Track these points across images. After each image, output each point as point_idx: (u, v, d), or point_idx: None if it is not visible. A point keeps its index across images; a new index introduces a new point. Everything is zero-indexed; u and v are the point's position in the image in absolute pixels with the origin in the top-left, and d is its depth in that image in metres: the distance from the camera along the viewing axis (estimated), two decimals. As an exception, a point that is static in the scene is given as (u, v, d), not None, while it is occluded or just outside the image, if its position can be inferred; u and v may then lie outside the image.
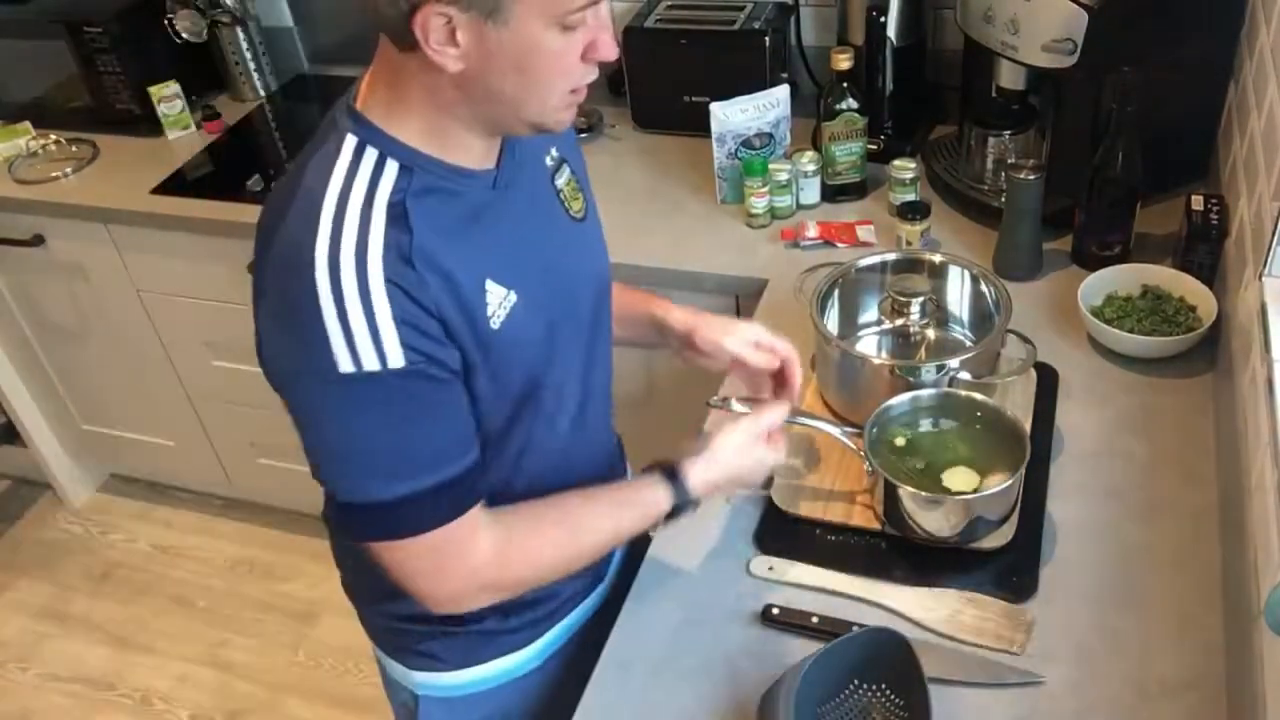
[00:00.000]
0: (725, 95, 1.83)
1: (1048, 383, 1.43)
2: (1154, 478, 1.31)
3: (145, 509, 2.90)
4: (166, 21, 2.33)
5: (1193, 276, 1.49)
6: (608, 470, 1.28)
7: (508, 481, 1.12)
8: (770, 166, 1.80)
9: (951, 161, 1.86)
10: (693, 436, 1.22)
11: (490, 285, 1.01)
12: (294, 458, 2.91)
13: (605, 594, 1.33)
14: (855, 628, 1.15)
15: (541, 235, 1.09)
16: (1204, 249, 1.49)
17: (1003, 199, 1.62)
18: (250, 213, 2.06)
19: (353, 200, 0.95)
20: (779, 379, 1.26)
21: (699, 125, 1.88)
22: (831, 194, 1.87)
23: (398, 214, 0.95)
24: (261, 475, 2.64)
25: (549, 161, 1.14)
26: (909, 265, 1.48)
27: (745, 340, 1.25)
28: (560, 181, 1.15)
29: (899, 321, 1.45)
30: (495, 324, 1.01)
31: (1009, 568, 1.20)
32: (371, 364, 0.92)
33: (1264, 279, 1.24)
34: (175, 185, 2.21)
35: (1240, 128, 1.54)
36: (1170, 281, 1.51)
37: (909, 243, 1.70)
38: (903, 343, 1.46)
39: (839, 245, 1.76)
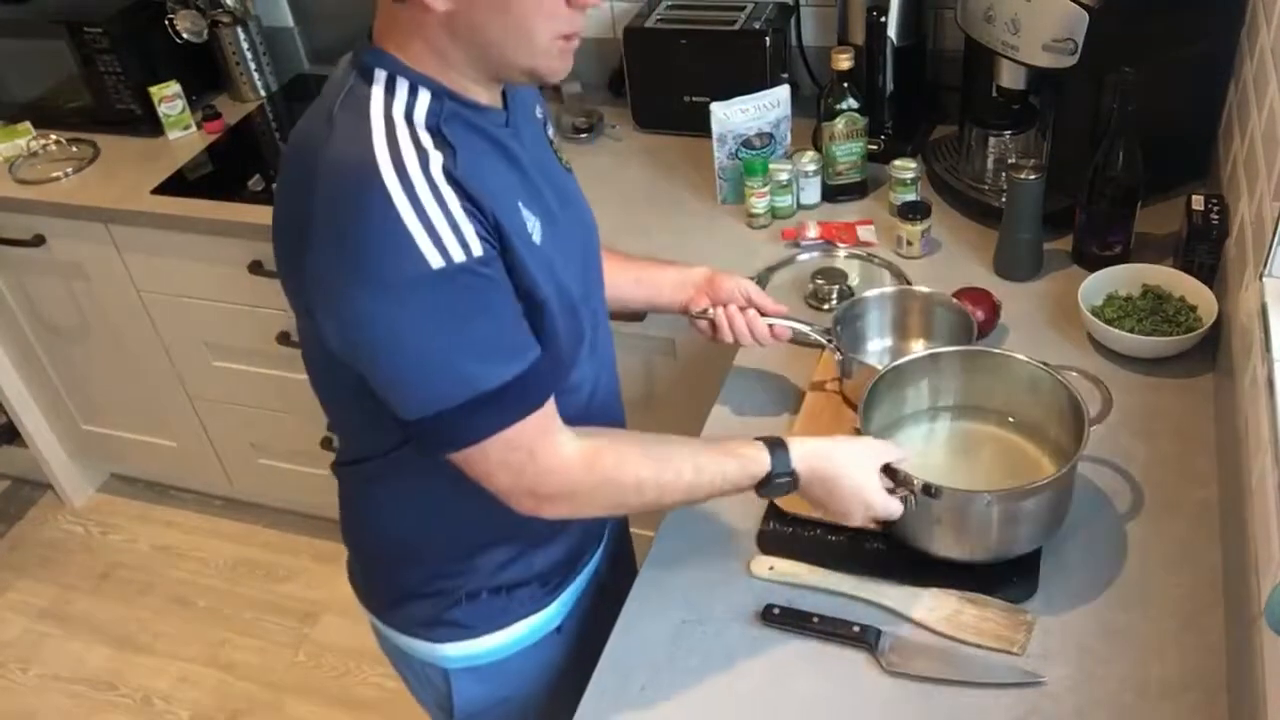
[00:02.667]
0: (725, 95, 1.83)
1: (1048, 383, 1.43)
2: (1154, 478, 1.31)
3: (146, 509, 2.90)
4: (167, 21, 2.33)
5: (1193, 276, 1.49)
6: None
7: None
8: (771, 166, 1.80)
9: (952, 161, 1.85)
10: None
11: (522, 207, 1.04)
12: (294, 458, 2.92)
13: (610, 546, 1.36)
14: (856, 628, 1.15)
15: (545, 178, 1.12)
16: (1204, 249, 1.49)
17: (1003, 199, 1.62)
18: (251, 213, 2.06)
19: (398, 121, 0.98)
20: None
21: (699, 125, 1.88)
22: (832, 194, 1.87)
23: (437, 134, 0.99)
24: (262, 476, 2.64)
25: (538, 114, 1.19)
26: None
27: (754, 286, 1.37)
28: (550, 133, 1.20)
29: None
30: (536, 239, 1.04)
31: (1009, 568, 1.20)
32: (458, 255, 0.94)
33: (1264, 279, 1.24)
34: (175, 185, 2.21)
35: (1240, 127, 1.54)
36: (1171, 281, 1.51)
37: (909, 243, 1.70)
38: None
39: (840, 245, 1.76)
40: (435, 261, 0.93)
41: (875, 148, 1.88)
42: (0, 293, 2.51)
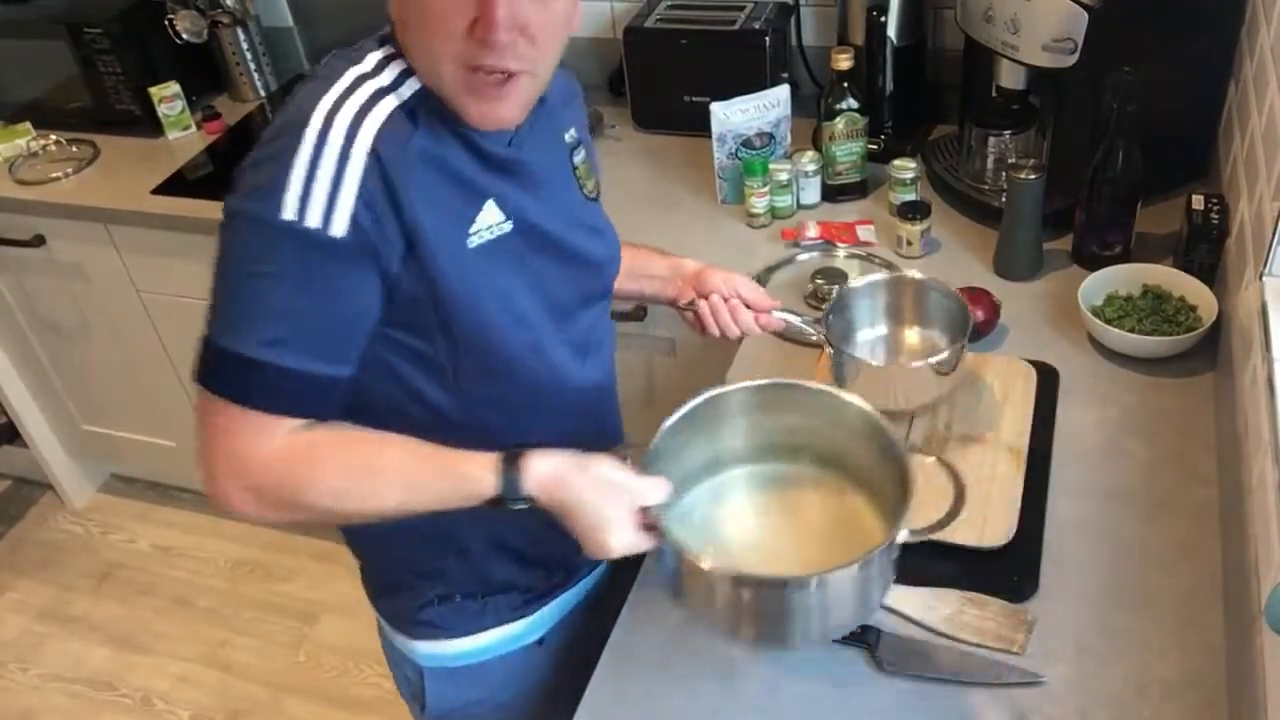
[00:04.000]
0: (725, 95, 1.83)
1: (1048, 382, 1.43)
2: (1154, 477, 1.31)
3: (146, 509, 2.90)
4: (166, 22, 2.33)
5: (1193, 276, 1.49)
6: None
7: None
8: (771, 166, 1.80)
9: (952, 161, 1.85)
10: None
11: (491, 206, 1.02)
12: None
13: (609, 569, 1.34)
14: (856, 628, 1.15)
15: (551, 202, 1.10)
16: (1204, 249, 1.49)
17: (1003, 199, 1.62)
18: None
19: (371, 83, 0.97)
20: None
21: (699, 125, 1.88)
22: (832, 194, 1.87)
23: (410, 109, 0.97)
24: (262, 475, 2.63)
25: (568, 138, 1.17)
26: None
27: (744, 279, 1.33)
28: (577, 159, 1.18)
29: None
30: (472, 242, 1.01)
31: (1009, 568, 1.20)
32: (313, 220, 0.91)
33: (1264, 278, 1.24)
34: (175, 185, 2.21)
35: (1240, 127, 1.54)
36: (1171, 281, 1.51)
37: (909, 243, 1.70)
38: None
39: (839, 245, 1.75)
40: (287, 213, 0.91)
41: (875, 148, 1.88)
42: (0, 293, 2.51)
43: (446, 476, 1.01)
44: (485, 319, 1.04)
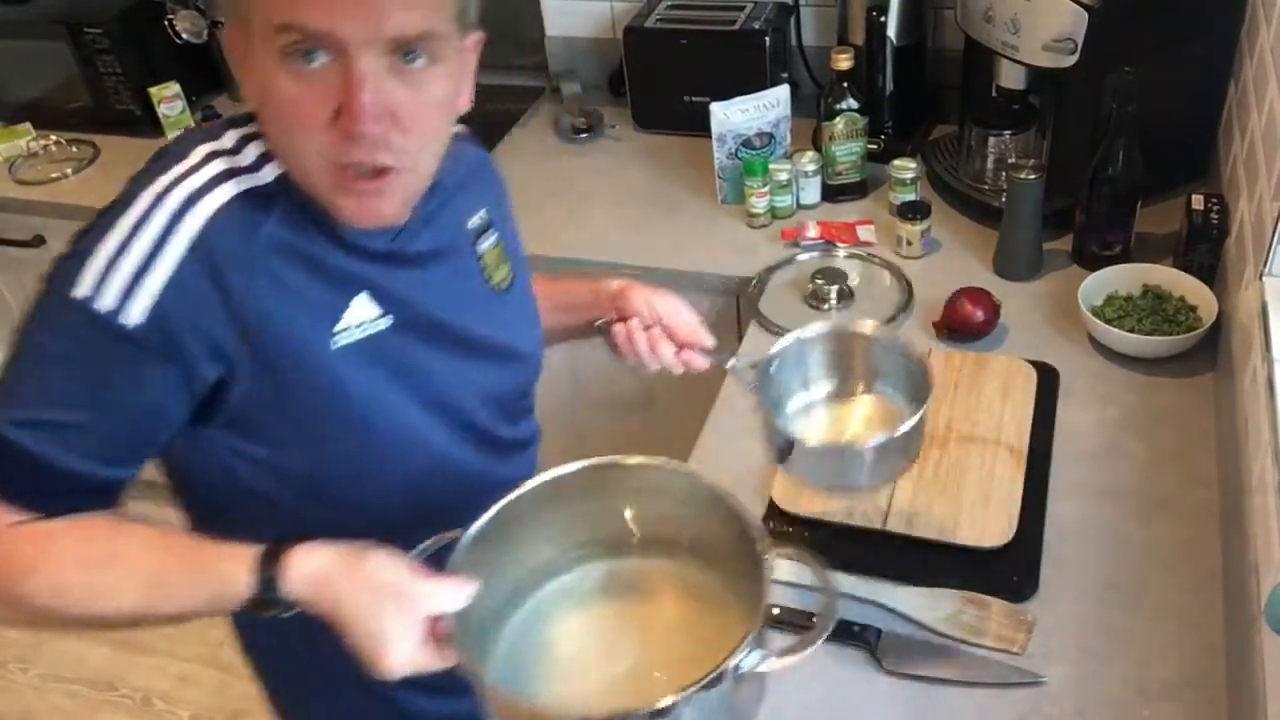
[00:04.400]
0: (725, 95, 1.83)
1: (1048, 383, 1.43)
2: (1154, 477, 1.31)
3: (146, 509, 2.89)
4: (166, 22, 2.33)
5: (1193, 276, 1.49)
6: None
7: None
8: (770, 166, 1.80)
9: (952, 161, 1.85)
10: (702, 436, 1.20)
11: (363, 300, 0.93)
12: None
13: None
14: (856, 628, 1.15)
15: (447, 293, 1.00)
16: (1204, 248, 1.49)
17: (1003, 199, 1.62)
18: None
19: (219, 162, 0.88)
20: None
21: (699, 125, 1.88)
22: (832, 194, 1.87)
23: (269, 194, 0.88)
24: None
25: (473, 223, 1.06)
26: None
27: (679, 307, 1.14)
28: (483, 247, 1.07)
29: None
30: (338, 341, 0.91)
31: (1009, 568, 1.20)
32: (106, 304, 0.82)
33: (1264, 278, 1.24)
34: (175, 186, 2.21)
35: (1240, 127, 1.54)
36: (1171, 281, 1.51)
37: (909, 243, 1.70)
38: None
39: (839, 245, 1.75)
40: (80, 289, 0.82)
41: (875, 148, 1.88)
42: (0, 293, 2.51)
43: (198, 573, 0.86)
44: (353, 423, 0.94)
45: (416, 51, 0.83)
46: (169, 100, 2.33)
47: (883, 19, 1.84)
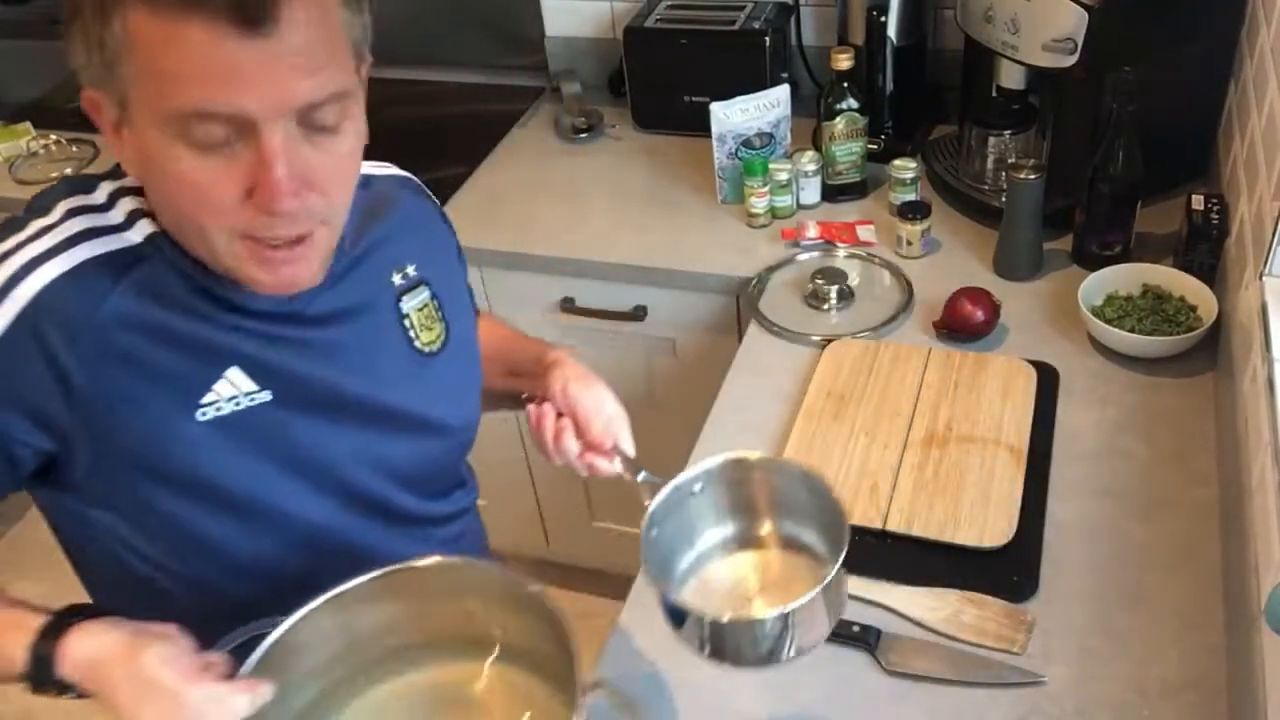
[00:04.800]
0: (725, 95, 1.83)
1: (1048, 383, 1.43)
2: (1154, 477, 1.31)
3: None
4: (166, 22, 2.33)
5: (1193, 276, 1.49)
6: None
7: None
8: (770, 166, 1.80)
9: (952, 161, 1.85)
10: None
11: (235, 374, 0.88)
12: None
13: None
14: (856, 628, 1.15)
15: (354, 361, 0.94)
16: (1204, 248, 1.49)
17: (1003, 199, 1.62)
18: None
19: (80, 220, 0.84)
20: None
21: (699, 125, 1.88)
22: (832, 194, 1.87)
23: (127, 257, 0.83)
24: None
25: (398, 280, 0.99)
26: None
27: (602, 400, 1.03)
28: (409, 305, 0.99)
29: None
30: (205, 415, 0.87)
31: (1009, 568, 1.20)
32: None
33: (1264, 278, 1.24)
34: (175, 185, 2.21)
35: (1240, 127, 1.54)
36: (1171, 281, 1.51)
37: (909, 243, 1.70)
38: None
39: (839, 245, 1.76)
40: None
41: (875, 147, 1.88)
42: (0, 293, 2.51)
43: None
44: (217, 494, 0.89)
45: (326, 113, 0.78)
46: (169, 100, 2.33)
47: (883, 19, 1.84)
